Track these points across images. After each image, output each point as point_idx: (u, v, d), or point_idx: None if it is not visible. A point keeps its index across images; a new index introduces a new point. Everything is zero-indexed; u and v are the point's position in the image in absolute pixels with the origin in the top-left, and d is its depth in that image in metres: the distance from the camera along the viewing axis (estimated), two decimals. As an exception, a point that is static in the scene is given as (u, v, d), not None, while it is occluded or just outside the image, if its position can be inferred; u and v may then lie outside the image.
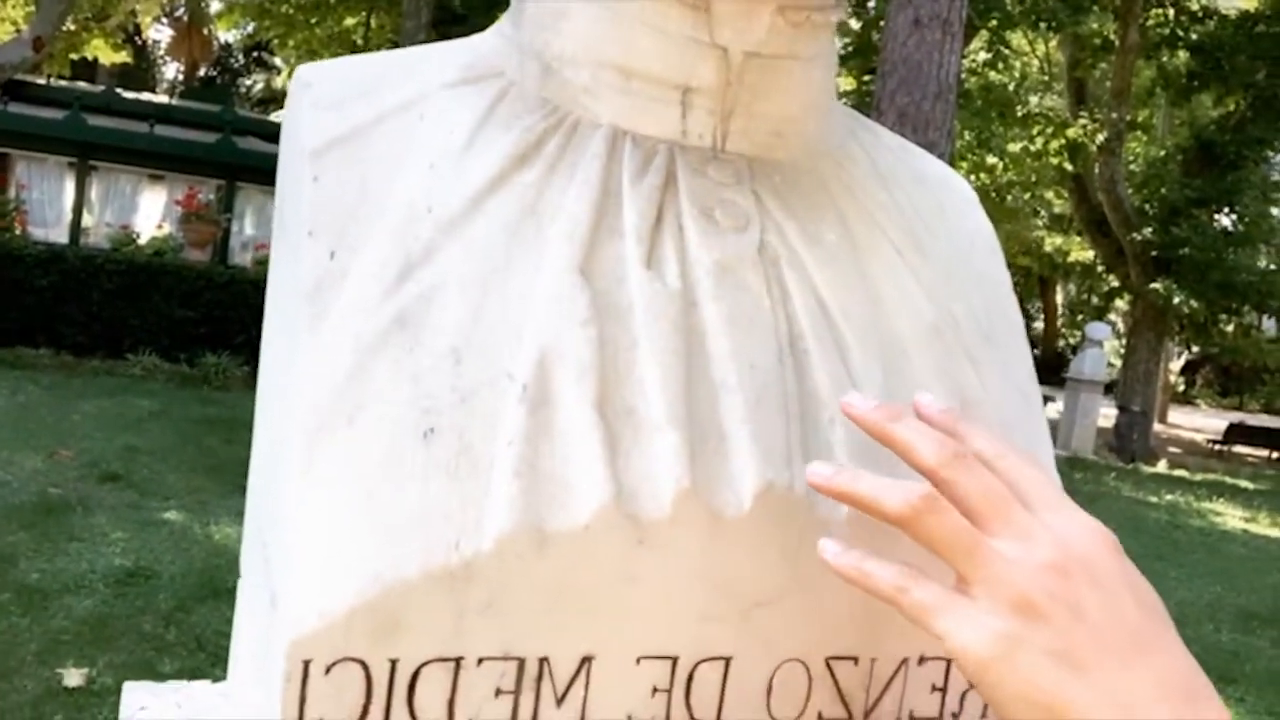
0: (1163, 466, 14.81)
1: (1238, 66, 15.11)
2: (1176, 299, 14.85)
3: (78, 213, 12.02)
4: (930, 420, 0.53)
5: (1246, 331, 18.92)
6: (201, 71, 28.16)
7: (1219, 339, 17.60)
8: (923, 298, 0.66)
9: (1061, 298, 31.73)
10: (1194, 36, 15.43)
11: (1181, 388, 32.88)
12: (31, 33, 11.29)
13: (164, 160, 12.10)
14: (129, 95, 14.19)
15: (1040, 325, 31.50)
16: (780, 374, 0.58)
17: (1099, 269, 21.05)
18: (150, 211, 12.39)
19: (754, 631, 0.56)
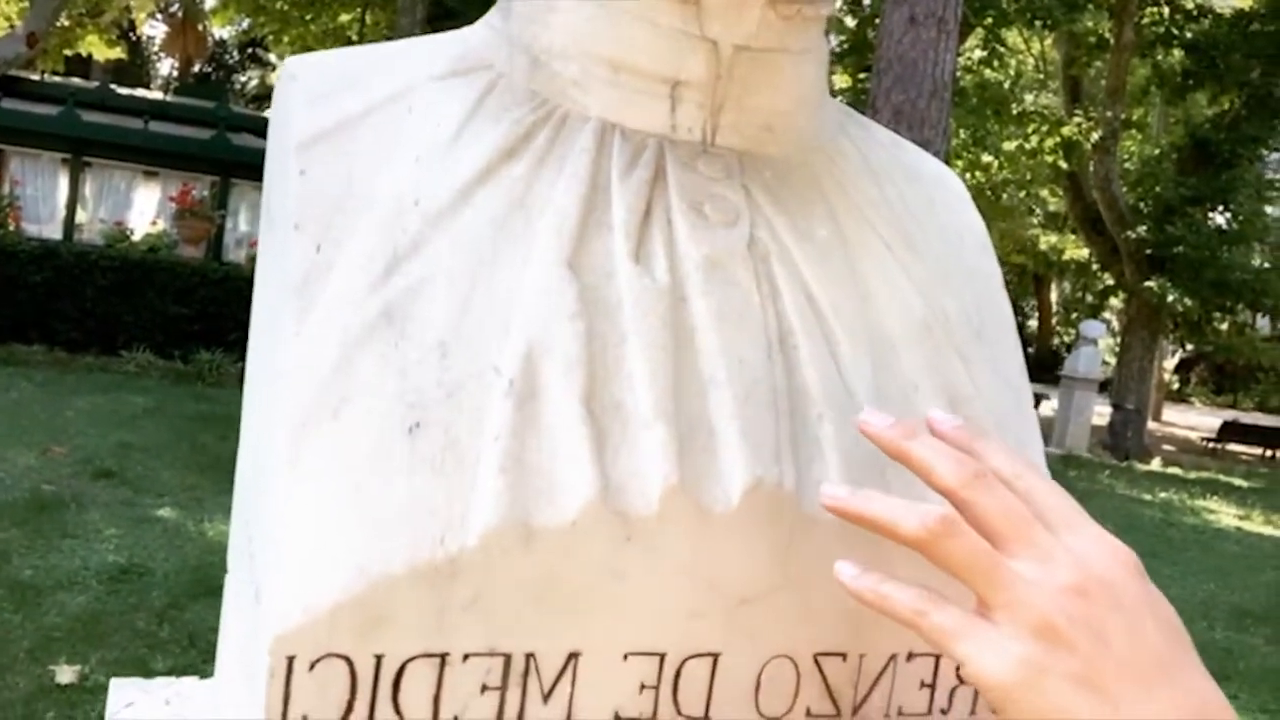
0: (1157, 464, 14.84)
1: (1232, 65, 15.13)
2: (1171, 297, 14.88)
3: (71, 209, 12.00)
4: (945, 437, 0.53)
5: (1241, 330, 18.95)
6: (196, 68, 28.12)
7: (1213, 337, 17.63)
8: (913, 294, 0.65)
9: (1056, 296, 31.77)
10: (1189, 35, 15.45)
11: (1176, 386, 32.93)
12: (25, 28, 11.27)
13: (158, 156, 12.08)
14: (123, 91, 14.15)
15: (1035, 323, 31.56)
16: (769, 370, 0.58)
17: (1094, 267, 21.09)
18: (144, 208, 12.38)
19: (742, 628, 0.56)
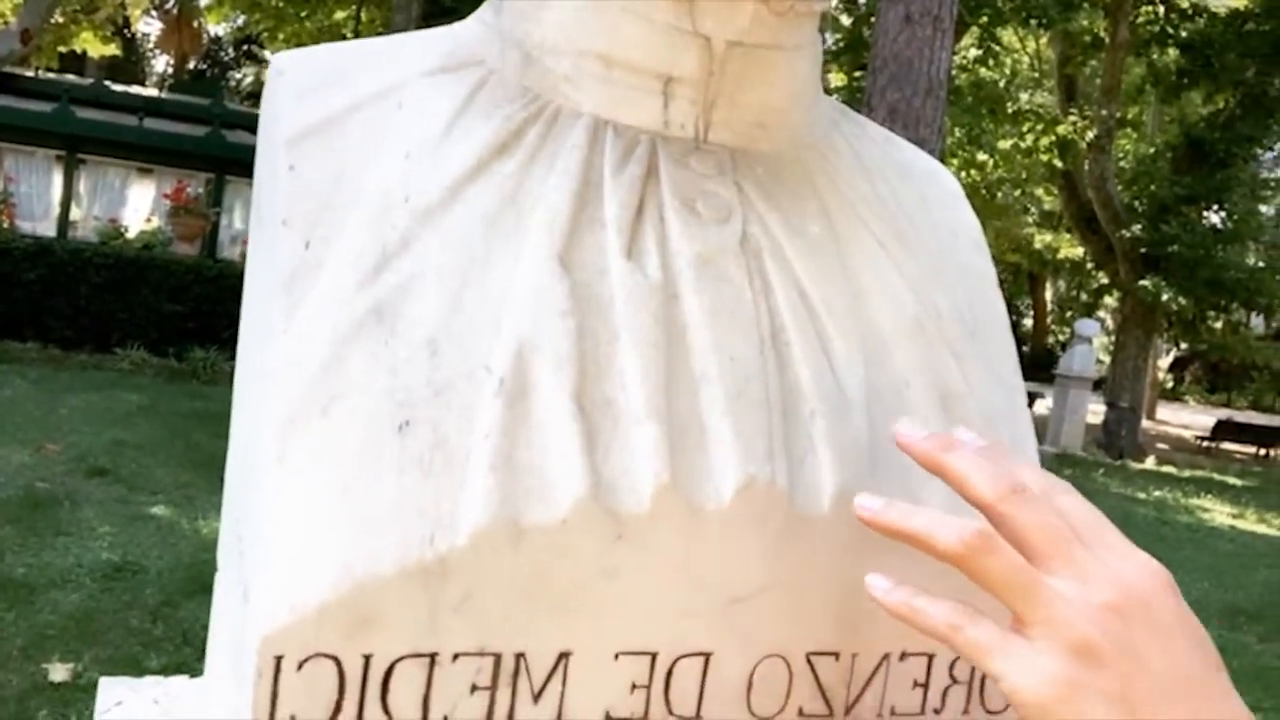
0: (1151, 463, 14.86)
1: (1227, 64, 15.16)
2: (1165, 296, 14.89)
3: (65, 206, 11.96)
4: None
5: (1235, 329, 19.02)
6: (191, 65, 28.05)
7: (1207, 336, 17.67)
8: (905, 291, 0.65)
9: (1051, 294, 31.83)
10: (1184, 34, 15.48)
11: (1170, 384, 33.00)
12: (19, 25, 11.25)
13: (153, 153, 12.04)
14: (118, 88, 14.11)
15: (1029, 322, 31.62)
16: (762, 367, 0.57)
17: (1088, 266, 21.10)
18: (139, 205, 12.34)
19: (734, 627, 0.55)
